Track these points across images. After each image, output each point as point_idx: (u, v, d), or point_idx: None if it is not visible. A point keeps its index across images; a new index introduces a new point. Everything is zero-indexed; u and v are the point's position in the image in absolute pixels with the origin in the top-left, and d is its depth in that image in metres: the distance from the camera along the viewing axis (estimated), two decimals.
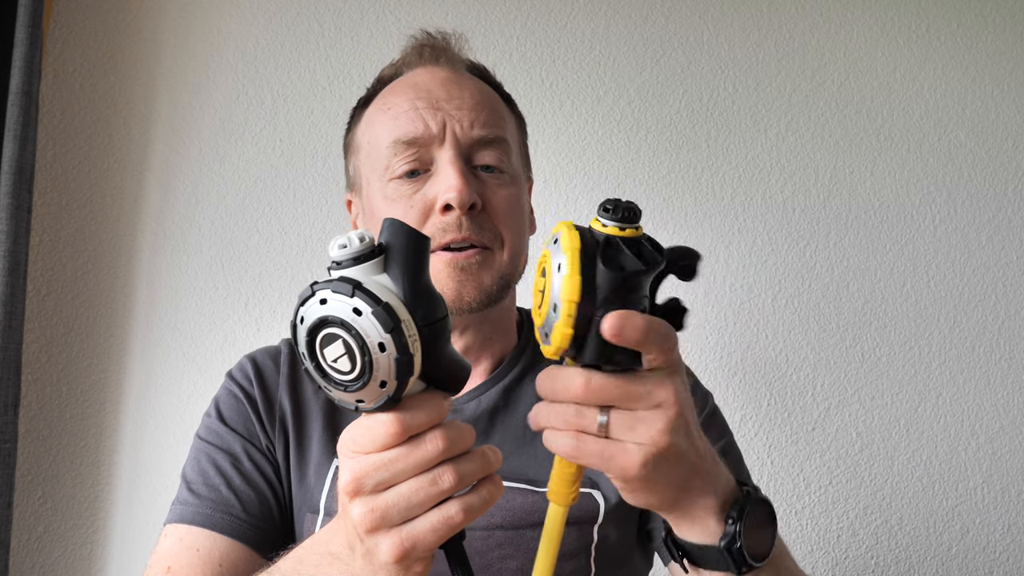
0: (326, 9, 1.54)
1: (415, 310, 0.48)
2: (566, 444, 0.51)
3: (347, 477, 0.50)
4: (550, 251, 0.50)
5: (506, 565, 0.77)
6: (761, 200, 1.62)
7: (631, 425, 0.50)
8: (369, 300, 0.47)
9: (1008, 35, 1.71)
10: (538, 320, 0.52)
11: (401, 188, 0.79)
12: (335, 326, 0.47)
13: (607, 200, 0.50)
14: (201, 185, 1.48)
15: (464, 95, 0.81)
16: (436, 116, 0.79)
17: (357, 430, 0.51)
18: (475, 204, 0.77)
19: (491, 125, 0.81)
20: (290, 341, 0.90)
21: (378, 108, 0.84)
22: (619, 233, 0.49)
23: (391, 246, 0.50)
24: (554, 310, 0.49)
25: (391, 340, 0.47)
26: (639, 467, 0.50)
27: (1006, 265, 1.67)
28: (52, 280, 1.42)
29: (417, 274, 0.49)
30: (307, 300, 0.48)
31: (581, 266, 0.48)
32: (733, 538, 0.55)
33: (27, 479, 1.38)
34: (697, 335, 1.58)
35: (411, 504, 0.49)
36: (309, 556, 0.59)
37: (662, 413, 0.50)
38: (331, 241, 0.49)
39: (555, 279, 0.49)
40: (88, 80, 1.46)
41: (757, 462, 1.56)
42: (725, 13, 1.65)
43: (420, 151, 0.79)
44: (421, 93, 0.81)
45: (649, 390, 0.50)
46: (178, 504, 0.79)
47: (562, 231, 0.50)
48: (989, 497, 1.62)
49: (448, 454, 0.50)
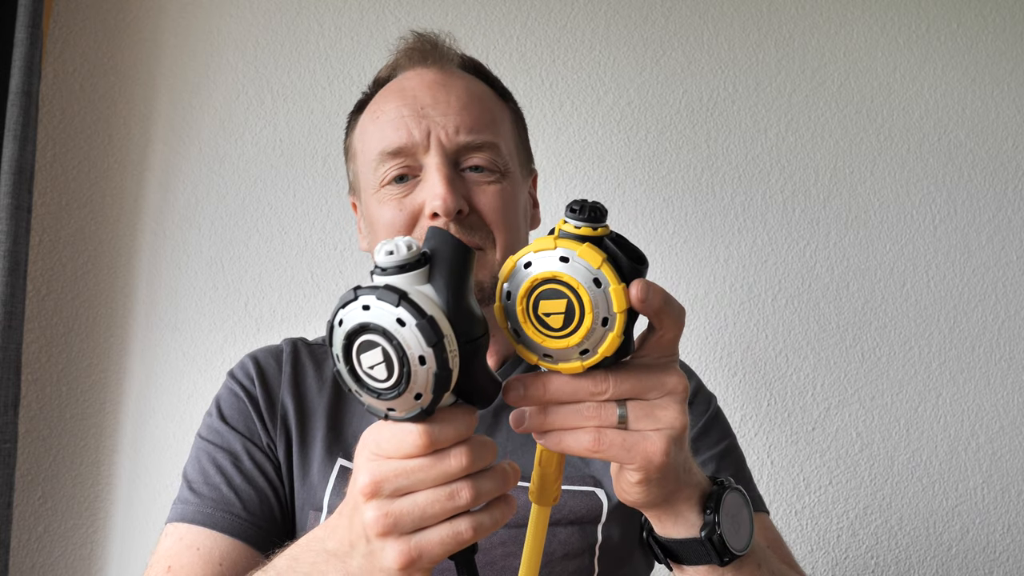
0: (326, 9, 1.54)
1: (457, 326, 0.48)
2: (587, 440, 0.52)
3: (366, 479, 0.50)
4: (562, 271, 0.49)
5: (509, 563, 0.77)
6: (761, 200, 1.62)
7: (649, 412, 0.52)
8: (414, 312, 0.46)
9: (1008, 35, 1.72)
10: (558, 343, 0.51)
11: (391, 191, 0.81)
12: (376, 334, 0.46)
13: (583, 206, 0.50)
14: (201, 185, 1.48)
15: (450, 99, 0.81)
16: (421, 124, 0.79)
17: (383, 434, 0.50)
18: (462, 210, 0.78)
19: (478, 129, 0.81)
20: (292, 340, 0.90)
21: (369, 115, 0.85)
22: (606, 232, 0.50)
23: (436, 256, 0.49)
24: (604, 324, 0.49)
25: (432, 354, 0.46)
26: (662, 453, 0.52)
27: (1006, 265, 1.67)
28: (52, 280, 1.42)
29: (462, 289, 0.48)
30: (349, 304, 0.47)
31: (619, 275, 0.49)
32: (713, 527, 0.57)
33: (27, 479, 1.38)
34: (697, 335, 1.58)
35: (425, 515, 0.49)
36: (305, 554, 0.59)
37: (674, 399, 0.52)
38: (377, 245, 0.49)
39: (597, 295, 0.49)
40: (88, 80, 1.46)
41: (757, 462, 1.56)
42: (725, 13, 1.65)
43: (407, 159, 0.80)
44: (407, 100, 0.81)
45: (661, 379, 0.52)
46: (179, 503, 0.79)
47: (569, 248, 0.49)
48: (989, 497, 1.62)
49: (469, 470, 0.50)
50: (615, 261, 0.50)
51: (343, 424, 0.83)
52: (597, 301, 0.49)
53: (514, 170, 0.85)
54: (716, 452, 0.85)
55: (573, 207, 0.50)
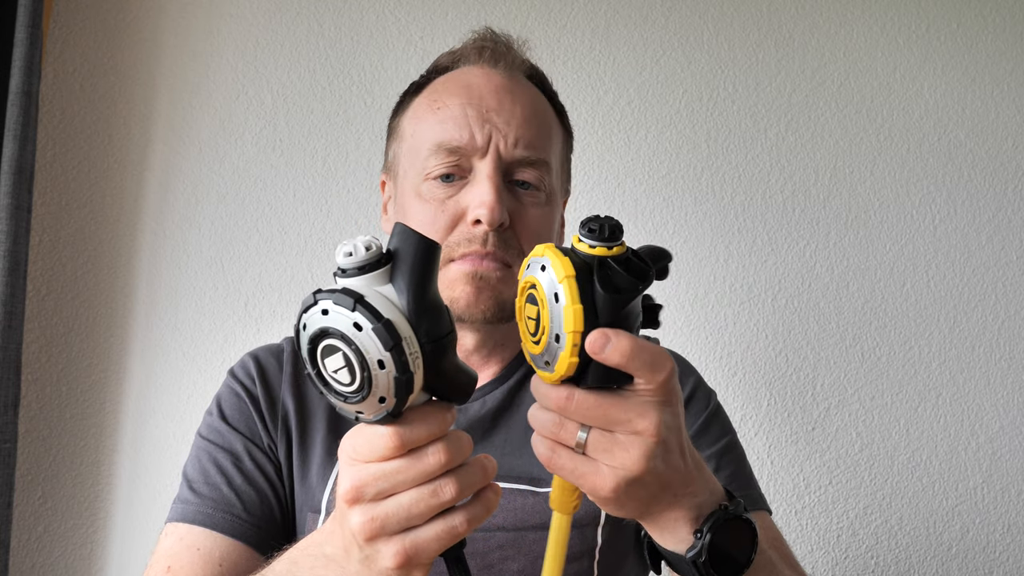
0: (326, 9, 1.54)
1: (419, 325, 0.47)
2: (543, 452, 0.51)
3: (346, 485, 0.50)
4: (538, 278, 0.49)
5: (507, 566, 0.77)
6: (761, 200, 1.62)
7: (608, 448, 0.49)
8: (370, 316, 0.45)
9: (1008, 35, 1.71)
10: (534, 348, 0.51)
11: (435, 190, 0.79)
12: (335, 338, 0.46)
13: (589, 220, 0.49)
14: (201, 185, 1.48)
15: (515, 108, 0.79)
16: (483, 128, 0.78)
17: (358, 439, 0.50)
18: (504, 223, 0.77)
19: (535, 146, 0.80)
20: (293, 340, 0.90)
21: (428, 102, 0.83)
22: (607, 253, 0.48)
23: (399, 254, 0.48)
24: (556, 340, 0.48)
25: (391, 358, 0.45)
26: (610, 490, 0.50)
27: (1006, 265, 1.67)
28: (52, 280, 1.42)
29: (423, 287, 0.47)
30: (309, 308, 0.47)
31: (580, 294, 0.47)
32: (699, 552, 0.55)
33: (27, 479, 1.38)
34: (697, 335, 1.58)
35: (411, 515, 0.49)
36: (303, 558, 0.59)
37: (640, 441, 0.49)
38: (337, 246, 0.48)
39: (554, 309, 0.48)
40: (88, 80, 1.46)
41: (757, 462, 1.56)
42: (725, 13, 1.65)
43: (460, 159, 0.78)
44: (473, 99, 0.80)
45: (630, 417, 0.49)
46: (179, 503, 0.79)
47: (549, 257, 0.48)
48: (989, 497, 1.62)
49: (449, 466, 0.50)
50: (592, 283, 0.47)
51: (343, 426, 0.83)
52: (553, 315, 0.48)
53: (557, 191, 0.84)
54: (716, 449, 0.85)
55: (591, 226, 0.48)
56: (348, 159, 1.52)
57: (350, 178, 1.51)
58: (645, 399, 0.50)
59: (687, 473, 0.54)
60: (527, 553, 0.77)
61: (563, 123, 0.88)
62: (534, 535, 0.77)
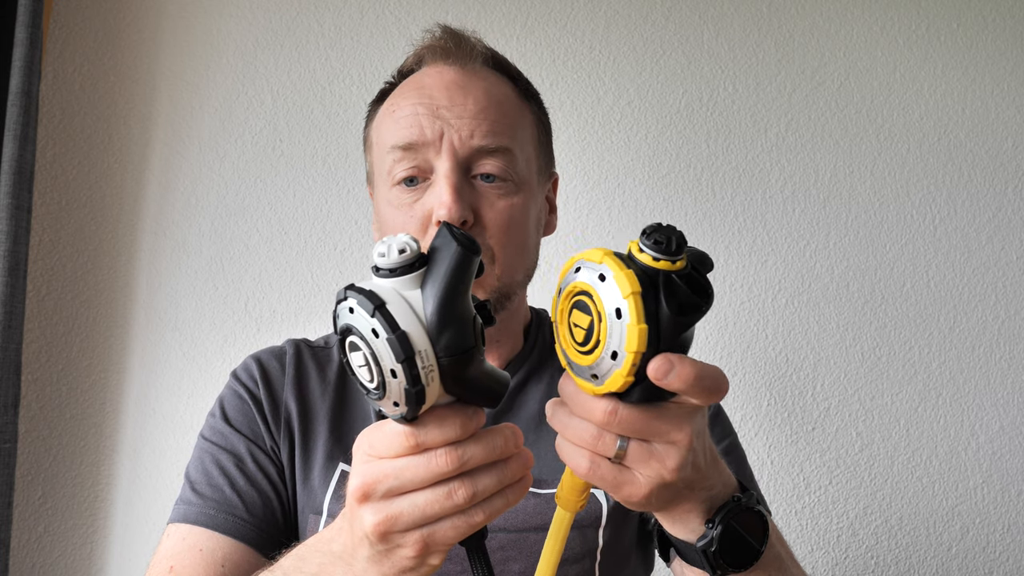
0: (326, 9, 1.54)
1: (438, 338, 0.45)
2: (581, 463, 0.51)
3: (357, 482, 0.50)
4: (595, 288, 0.46)
5: (509, 567, 0.77)
6: (761, 200, 1.62)
7: (645, 458, 0.50)
8: (386, 326, 0.44)
9: (1008, 35, 1.72)
10: (579, 359, 0.48)
11: (401, 196, 0.79)
12: (358, 337, 0.46)
13: (653, 230, 0.46)
14: (201, 185, 1.48)
15: (467, 101, 0.79)
16: (434, 124, 0.78)
17: (375, 434, 0.50)
18: (466, 220, 0.77)
19: (493, 134, 0.79)
20: (295, 341, 0.90)
21: (386, 108, 0.84)
22: (671, 267, 0.45)
23: (435, 259, 0.46)
24: (612, 357, 0.46)
25: (402, 370, 0.45)
26: (643, 497, 0.51)
27: (1006, 265, 1.67)
28: (52, 280, 1.42)
29: (451, 297, 0.45)
30: (341, 302, 0.47)
31: (646, 314, 0.45)
32: (709, 542, 0.56)
33: (27, 479, 1.37)
34: (697, 335, 1.58)
35: (425, 515, 0.49)
36: (311, 555, 0.59)
37: (676, 450, 0.50)
38: (376, 243, 0.47)
39: (614, 325, 0.45)
40: (88, 80, 1.46)
41: (757, 462, 1.56)
42: (725, 13, 1.65)
43: (418, 158, 0.78)
44: (424, 97, 0.80)
45: (668, 429, 0.49)
46: (181, 504, 0.79)
47: (610, 267, 0.45)
48: (989, 497, 1.62)
49: (461, 471, 0.49)
50: (657, 302, 0.45)
51: (345, 429, 0.83)
52: (612, 331, 0.45)
53: (529, 178, 0.83)
54: (718, 451, 0.85)
55: (657, 238, 0.45)
56: (348, 159, 1.51)
57: (350, 178, 1.51)
58: (683, 410, 0.50)
59: (707, 470, 0.54)
60: (529, 554, 0.77)
61: (531, 105, 0.87)
62: (536, 537, 0.77)
